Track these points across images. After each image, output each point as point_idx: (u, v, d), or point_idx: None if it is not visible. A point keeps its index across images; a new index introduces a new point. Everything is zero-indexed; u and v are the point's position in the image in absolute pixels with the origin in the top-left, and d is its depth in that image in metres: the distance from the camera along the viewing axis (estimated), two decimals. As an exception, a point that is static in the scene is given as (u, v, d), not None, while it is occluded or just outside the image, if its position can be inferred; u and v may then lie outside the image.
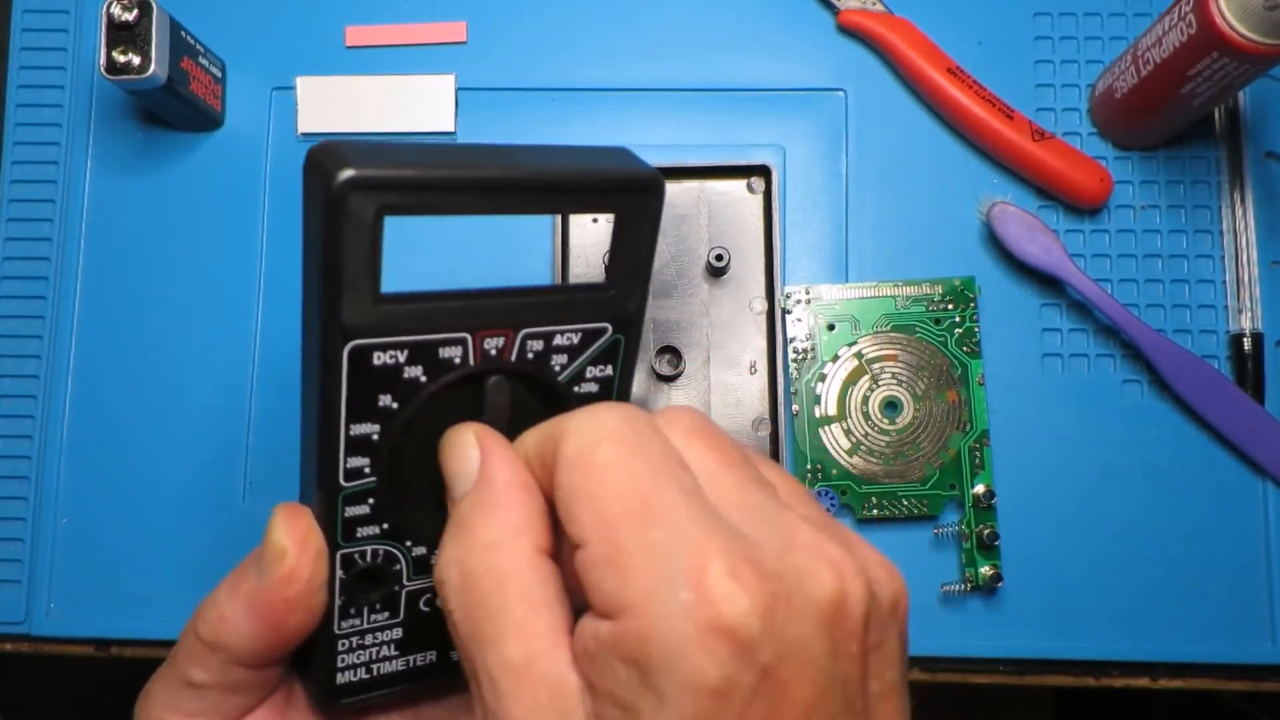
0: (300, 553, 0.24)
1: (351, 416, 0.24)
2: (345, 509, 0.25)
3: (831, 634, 0.19)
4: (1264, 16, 0.34)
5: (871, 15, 0.44)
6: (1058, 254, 0.42)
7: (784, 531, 0.20)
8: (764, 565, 0.19)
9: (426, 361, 0.24)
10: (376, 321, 0.23)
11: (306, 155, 0.22)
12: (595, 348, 0.26)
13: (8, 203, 0.44)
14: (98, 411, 0.43)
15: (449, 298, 0.24)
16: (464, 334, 0.24)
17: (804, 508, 0.22)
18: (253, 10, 0.45)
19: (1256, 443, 0.41)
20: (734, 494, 0.21)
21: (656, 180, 0.25)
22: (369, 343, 0.23)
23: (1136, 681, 0.41)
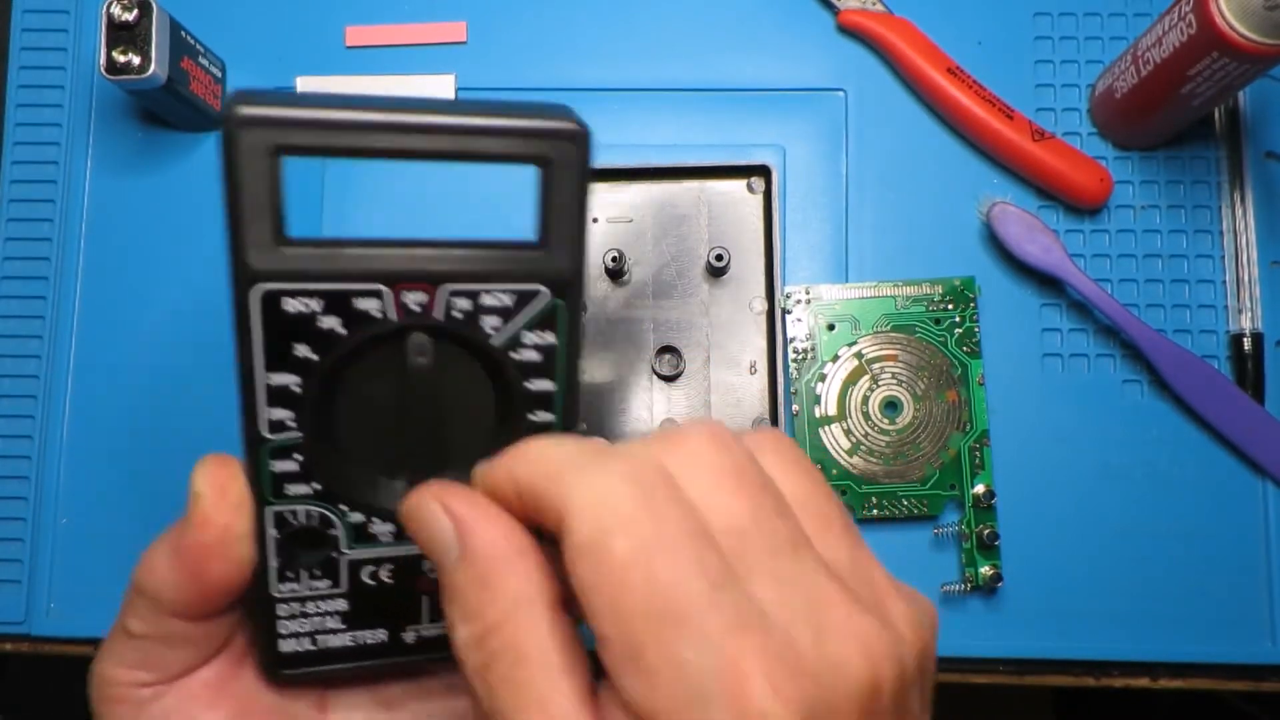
0: (216, 499, 0.25)
1: (269, 364, 0.24)
2: (272, 463, 0.25)
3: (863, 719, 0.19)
4: (1264, 16, 0.34)
5: (871, 15, 0.44)
6: (1058, 254, 0.42)
7: (817, 609, 0.19)
8: (800, 665, 0.18)
9: (343, 312, 0.24)
10: (284, 266, 0.24)
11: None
12: (531, 311, 0.25)
13: (8, 203, 0.44)
14: (98, 411, 0.43)
15: (362, 244, 0.24)
16: (380, 285, 0.24)
17: (833, 545, 0.21)
18: (253, 10, 0.45)
19: (1256, 443, 0.41)
20: (764, 561, 0.20)
21: (578, 132, 0.24)
22: (278, 288, 0.24)
23: (1136, 681, 0.41)
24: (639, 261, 0.43)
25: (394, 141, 0.23)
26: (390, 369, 0.25)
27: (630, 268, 0.43)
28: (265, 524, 0.26)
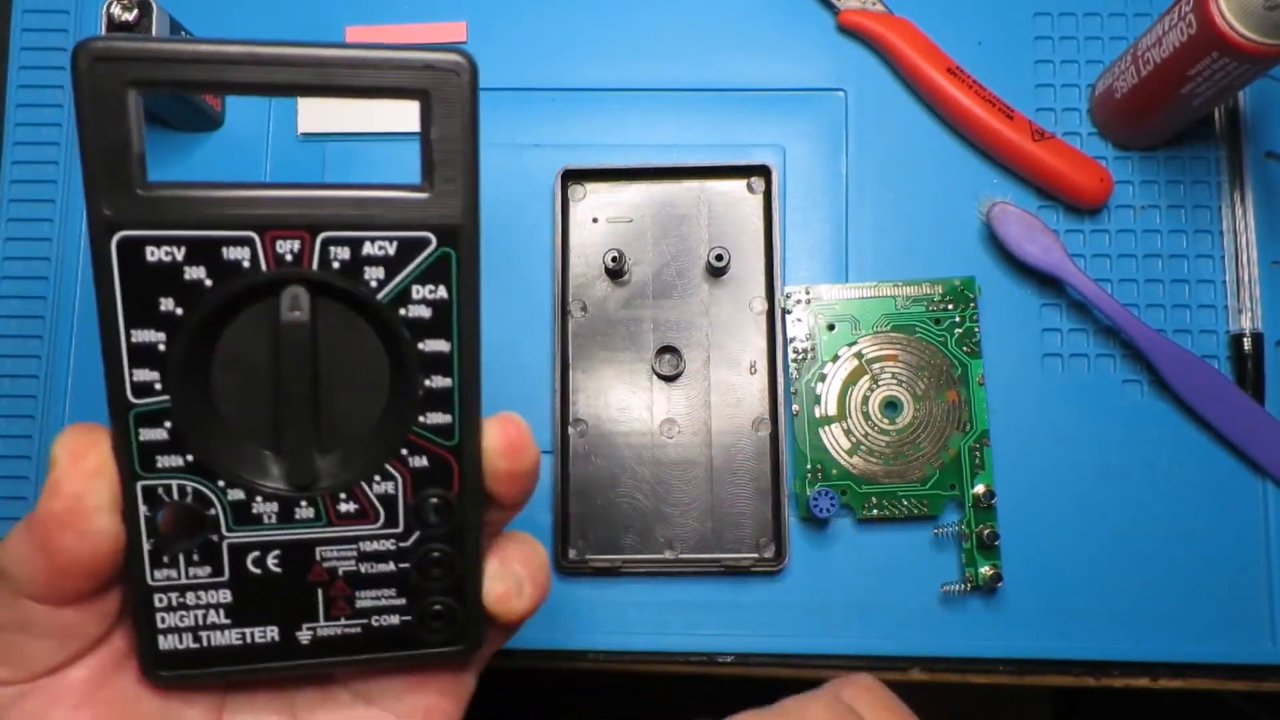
0: (70, 465, 0.23)
1: (130, 321, 0.22)
2: (138, 430, 0.23)
3: None
4: (1264, 16, 0.34)
5: (871, 15, 0.44)
6: (1058, 254, 0.42)
7: None
8: None
9: (210, 263, 0.22)
10: (143, 212, 0.22)
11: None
12: (418, 262, 0.23)
13: (8, 203, 0.44)
14: (98, 411, 0.43)
15: (231, 187, 0.22)
16: (249, 232, 0.22)
17: None
18: (253, 10, 0.45)
19: (1256, 443, 0.41)
20: None
21: (459, 63, 0.23)
22: (137, 235, 0.22)
23: (1136, 681, 0.41)
24: (639, 261, 0.43)
25: (257, 75, 0.21)
26: (265, 326, 0.23)
27: (630, 268, 0.43)
28: (136, 501, 0.23)
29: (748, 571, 0.41)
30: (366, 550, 0.25)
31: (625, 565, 0.41)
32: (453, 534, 0.26)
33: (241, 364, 0.23)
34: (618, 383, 0.42)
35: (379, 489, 0.25)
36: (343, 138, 0.44)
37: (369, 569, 0.25)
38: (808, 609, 0.41)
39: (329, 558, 0.25)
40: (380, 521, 0.25)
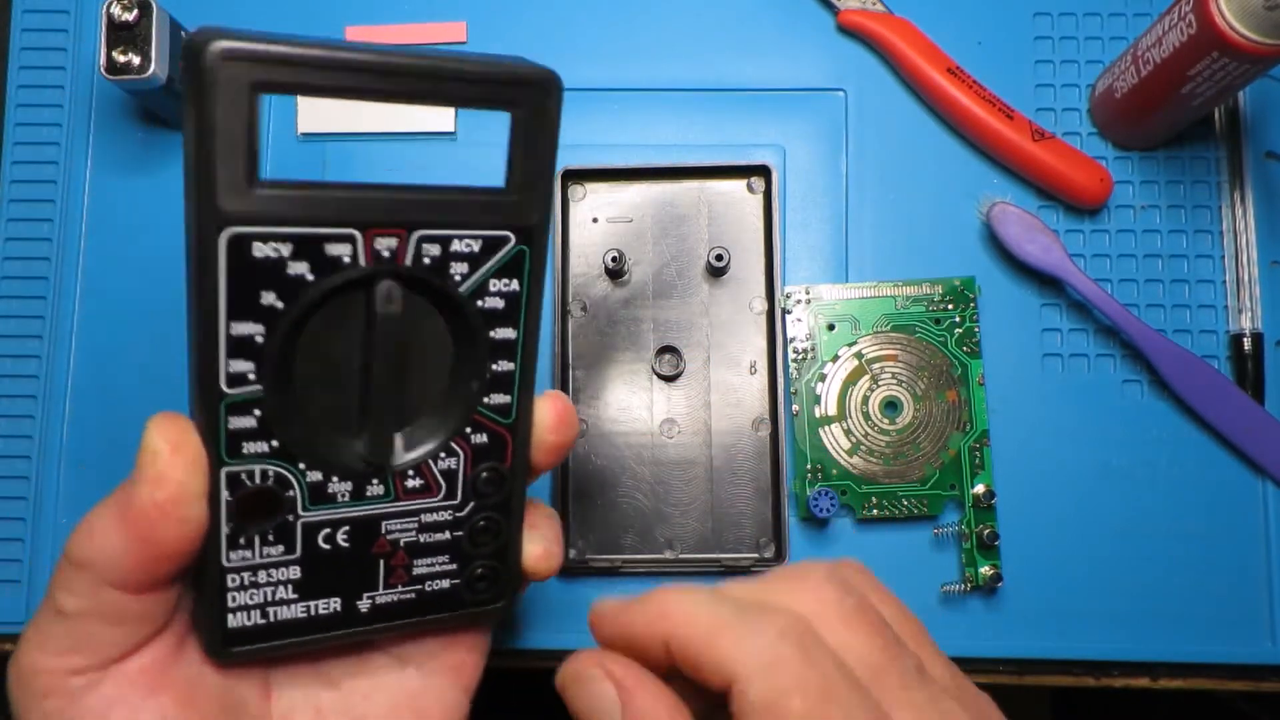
0: (172, 455, 0.23)
1: (232, 314, 0.23)
2: (229, 419, 0.24)
3: None
4: (1264, 16, 0.34)
5: (871, 15, 0.44)
6: (1058, 254, 0.42)
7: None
8: None
9: (313, 258, 0.23)
10: (255, 208, 0.22)
11: (184, 42, 0.22)
12: (498, 258, 0.25)
13: (8, 203, 0.44)
14: (98, 411, 0.43)
15: (336, 188, 0.23)
16: (353, 230, 0.23)
17: (934, 663, 0.24)
18: (253, 10, 0.45)
19: (1256, 443, 0.41)
20: (901, 694, 0.22)
21: (550, 78, 0.24)
22: (248, 231, 0.22)
23: (1136, 681, 0.41)
24: (639, 261, 0.43)
25: (372, 82, 0.23)
26: (353, 318, 0.24)
27: (630, 268, 0.43)
28: (219, 486, 0.24)
29: (748, 571, 0.41)
30: (426, 521, 0.27)
31: (625, 565, 0.41)
32: (502, 503, 0.28)
33: (324, 352, 0.25)
34: (618, 383, 0.42)
35: (443, 465, 0.27)
36: (342, 138, 0.44)
37: (427, 538, 0.27)
38: (808, 609, 0.41)
39: (393, 530, 0.27)
40: (441, 494, 0.27)
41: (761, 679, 0.21)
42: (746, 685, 0.21)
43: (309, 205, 0.23)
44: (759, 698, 0.21)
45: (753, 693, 0.21)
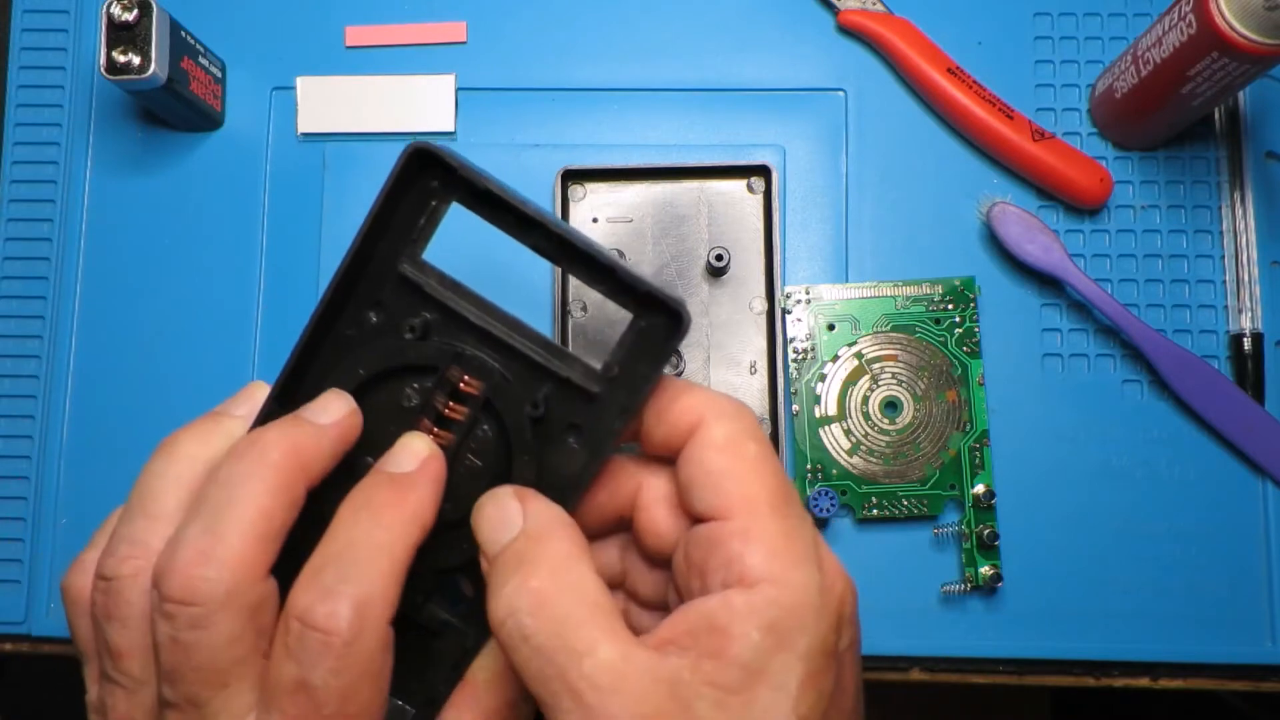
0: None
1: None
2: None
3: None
4: (1264, 16, 0.34)
5: (871, 15, 0.44)
6: (1058, 254, 0.42)
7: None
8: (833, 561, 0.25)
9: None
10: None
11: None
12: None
13: (8, 203, 0.44)
14: (98, 411, 0.43)
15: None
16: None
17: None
18: (253, 10, 0.45)
19: (1256, 443, 0.41)
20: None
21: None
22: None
23: (1136, 681, 0.41)
24: (639, 261, 0.43)
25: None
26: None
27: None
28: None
29: (748, 571, 0.41)
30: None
31: (625, 565, 0.41)
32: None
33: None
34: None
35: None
36: (342, 138, 0.44)
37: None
38: (808, 609, 0.41)
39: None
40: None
41: (728, 421, 0.25)
42: (714, 423, 0.25)
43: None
44: (723, 434, 0.25)
45: (718, 429, 0.25)
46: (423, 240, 0.28)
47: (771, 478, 0.25)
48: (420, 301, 0.28)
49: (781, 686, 0.22)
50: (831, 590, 0.24)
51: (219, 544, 0.23)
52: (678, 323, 0.26)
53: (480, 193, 0.27)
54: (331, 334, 0.28)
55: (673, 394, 0.26)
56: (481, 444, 0.28)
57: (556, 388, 0.27)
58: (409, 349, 0.27)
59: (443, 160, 0.27)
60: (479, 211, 0.27)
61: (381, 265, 0.27)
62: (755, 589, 0.23)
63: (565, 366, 0.27)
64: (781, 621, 0.23)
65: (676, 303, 0.26)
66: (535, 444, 0.27)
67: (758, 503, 0.24)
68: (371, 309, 0.28)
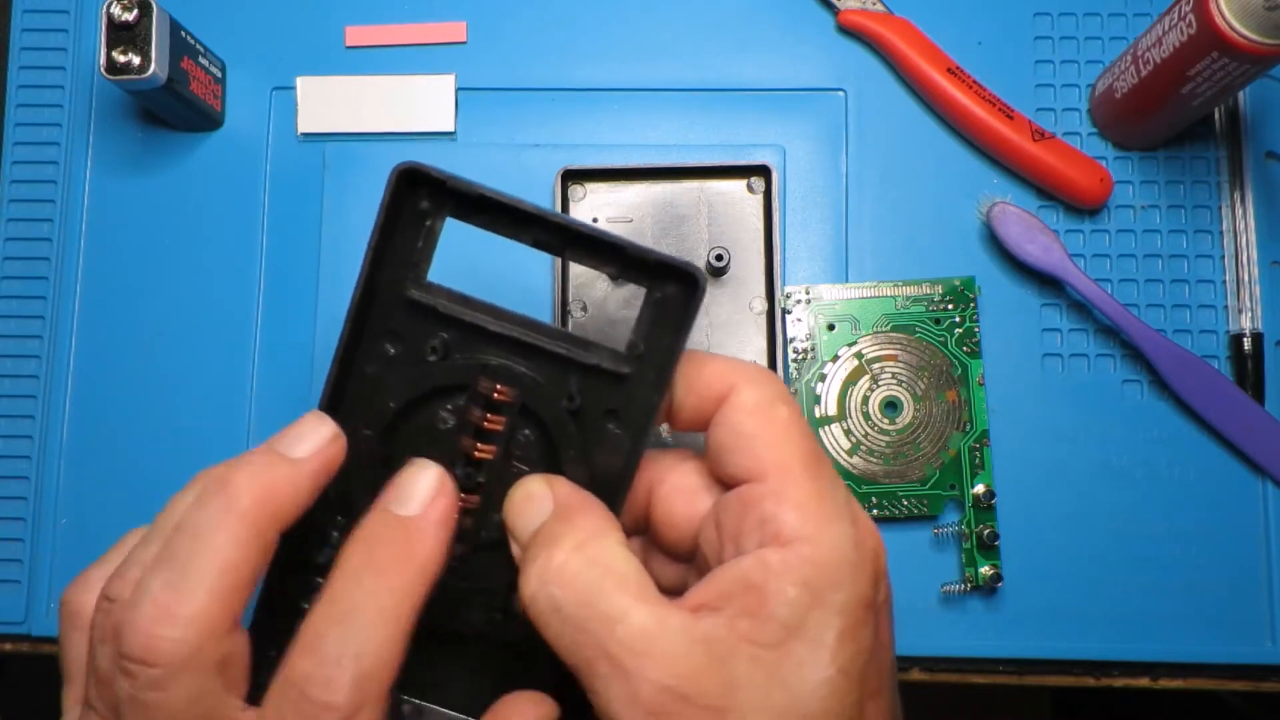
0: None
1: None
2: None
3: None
4: (1264, 16, 0.34)
5: (871, 15, 0.44)
6: (1058, 254, 0.42)
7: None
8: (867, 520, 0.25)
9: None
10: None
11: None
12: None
13: (8, 203, 0.44)
14: (98, 411, 0.43)
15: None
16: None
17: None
18: (253, 10, 0.45)
19: (1256, 443, 0.41)
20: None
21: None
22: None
23: (1136, 681, 0.41)
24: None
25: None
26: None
27: (630, 268, 0.43)
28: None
29: (748, 571, 0.41)
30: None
31: (625, 565, 0.41)
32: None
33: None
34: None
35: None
36: (342, 138, 0.44)
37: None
38: (808, 609, 0.41)
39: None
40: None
41: (758, 387, 0.26)
42: (744, 388, 0.26)
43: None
44: (754, 399, 0.26)
45: (748, 394, 0.26)
46: (425, 262, 0.27)
47: (802, 439, 0.25)
48: (435, 322, 0.27)
49: (819, 641, 0.23)
50: (865, 545, 0.24)
51: (182, 600, 0.22)
52: (694, 287, 0.26)
53: (474, 200, 0.26)
54: (354, 373, 0.28)
55: (700, 364, 0.26)
56: (525, 449, 0.28)
57: (587, 377, 0.27)
58: (435, 371, 0.27)
59: (431, 176, 0.26)
60: (474, 220, 0.27)
61: (389, 295, 0.27)
62: (790, 547, 0.23)
63: (591, 355, 0.27)
64: (817, 577, 0.23)
65: (690, 267, 0.26)
66: (579, 437, 0.27)
67: (790, 464, 0.24)
68: (388, 340, 0.28)
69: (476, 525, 0.28)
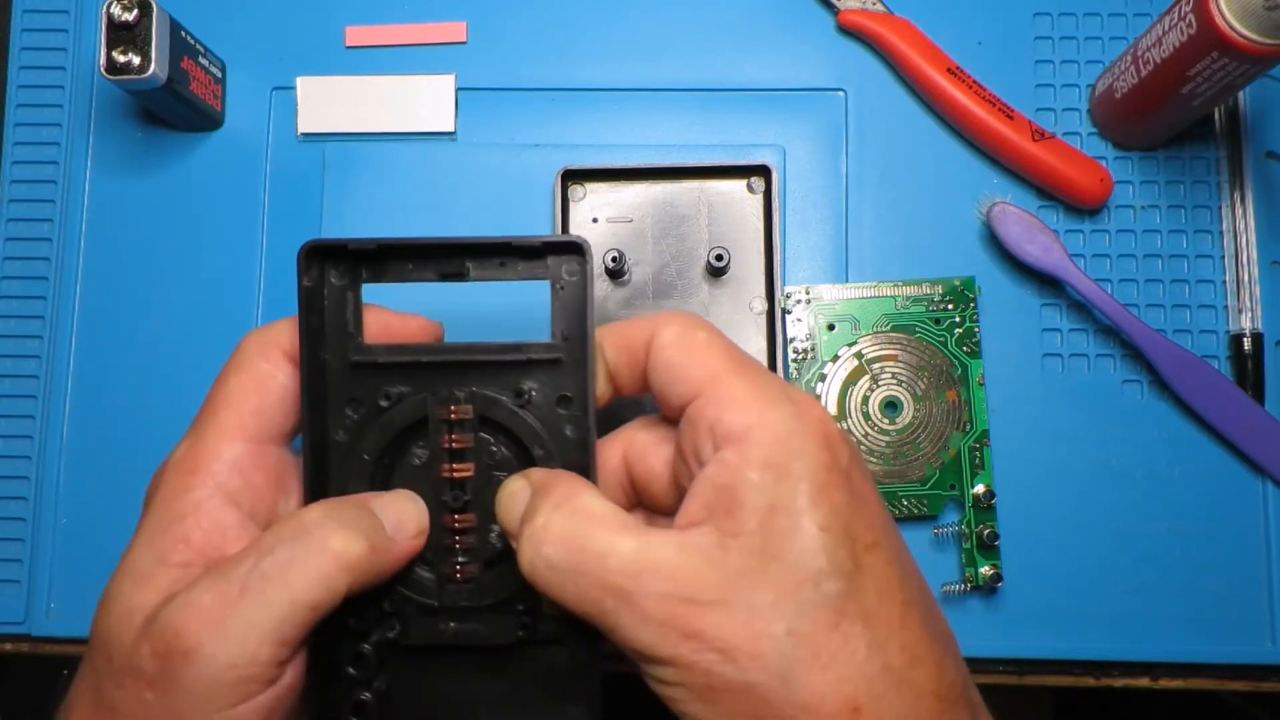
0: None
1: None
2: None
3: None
4: (1264, 16, 0.34)
5: (871, 15, 0.44)
6: (1058, 254, 0.42)
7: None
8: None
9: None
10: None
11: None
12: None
13: (8, 203, 0.44)
14: (98, 411, 0.43)
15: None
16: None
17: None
18: (253, 10, 0.45)
19: (1256, 443, 0.41)
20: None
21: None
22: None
23: (1136, 681, 0.41)
24: (639, 261, 0.43)
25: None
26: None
27: (630, 268, 0.43)
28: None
29: (748, 571, 0.41)
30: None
31: (625, 565, 0.41)
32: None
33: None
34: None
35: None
36: (342, 138, 0.44)
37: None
38: (808, 609, 0.41)
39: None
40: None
41: (674, 323, 0.27)
42: (662, 330, 0.27)
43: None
44: (672, 333, 0.27)
45: (666, 332, 0.27)
46: (357, 331, 0.30)
47: (724, 350, 0.27)
48: (383, 376, 0.30)
49: (794, 510, 0.24)
50: (809, 415, 0.25)
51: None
52: (582, 253, 0.29)
53: (374, 253, 0.30)
54: (328, 447, 0.30)
55: (622, 326, 0.29)
56: (502, 462, 0.30)
57: (529, 373, 0.30)
58: (394, 416, 0.30)
59: (331, 245, 0.30)
60: (387, 277, 0.30)
61: (338, 367, 0.30)
62: (741, 441, 0.25)
63: (525, 353, 0.30)
64: (773, 455, 0.24)
65: (573, 237, 0.29)
66: (543, 429, 0.30)
67: (718, 371, 0.26)
68: (348, 407, 0.30)
69: (479, 542, 0.30)
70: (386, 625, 0.30)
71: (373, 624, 0.30)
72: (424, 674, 0.30)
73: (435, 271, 0.30)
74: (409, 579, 0.30)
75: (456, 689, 0.30)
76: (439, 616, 0.30)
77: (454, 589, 0.30)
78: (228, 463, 0.29)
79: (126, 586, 0.27)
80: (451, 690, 0.30)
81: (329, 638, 0.29)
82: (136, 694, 0.25)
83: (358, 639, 0.29)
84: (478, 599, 0.30)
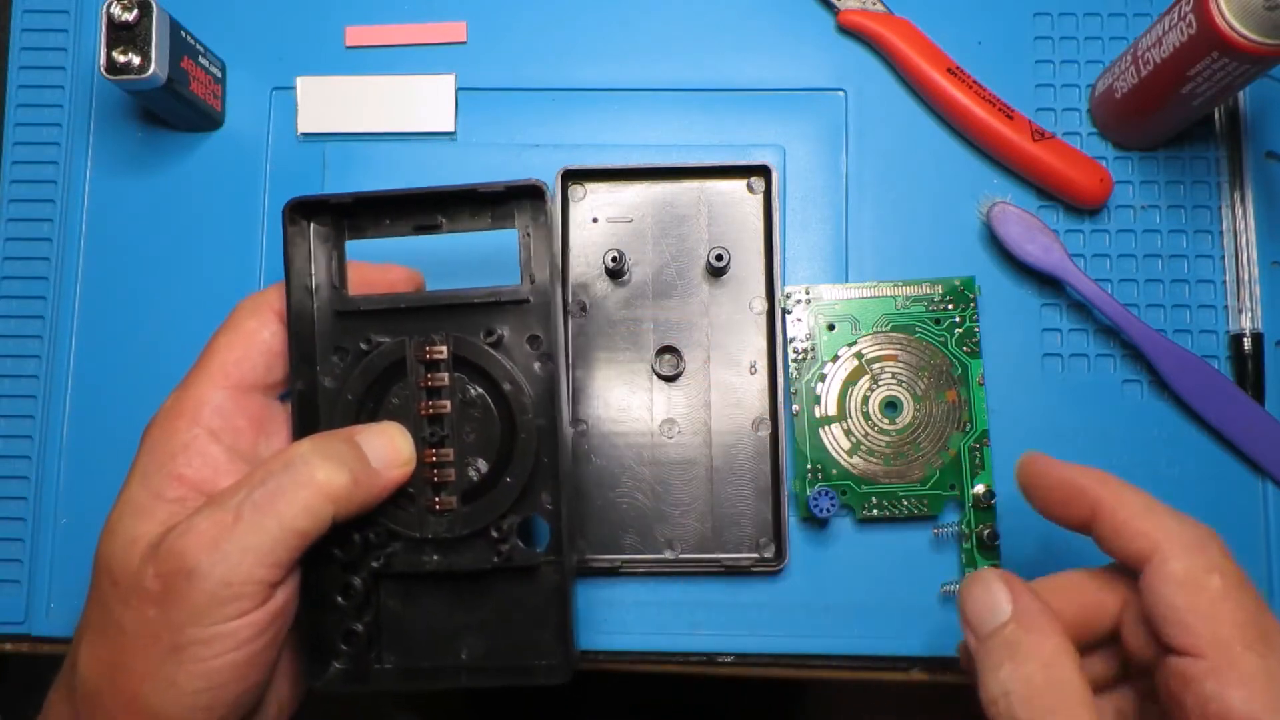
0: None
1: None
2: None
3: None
4: (1264, 16, 0.34)
5: (871, 15, 0.44)
6: (1058, 254, 0.42)
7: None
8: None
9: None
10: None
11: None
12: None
13: (8, 203, 0.44)
14: (98, 411, 0.43)
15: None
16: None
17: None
18: (253, 10, 0.45)
19: (1256, 443, 0.41)
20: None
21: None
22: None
23: (1136, 681, 0.41)
24: (639, 261, 0.43)
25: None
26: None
27: (630, 268, 0.43)
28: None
29: (748, 571, 0.41)
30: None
31: (625, 565, 0.41)
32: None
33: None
34: (618, 383, 0.42)
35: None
36: (342, 138, 0.44)
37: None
38: (808, 609, 0.41)
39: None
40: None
41: (1186, 555, 0.26)
42: (1169, 557, 0.26)
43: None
44: (1182, 569, 0.26)
45: (1175, 565, 0.26)
46: (341, 283, 0.33)
47: (1240, 612, 0.25)
48: (364, 324, 0.33)
49: None
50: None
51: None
52: (540, 196, 0.32)
53: (351, 206, 0.32)
54: (315, 390, 0.33)
55: (1128, 514, 0.27)
56: (477, 398, 0.33)
57: (499, 314, 0.33)
58: (374, 359, 0.32)
59: (313, 200, 0.32)
60: (367, 233, 0.33)
61: (322, 319, 0.33)
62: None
63: (496, 295, 0.32)
64: None
65: (532, 180, 0.32)
66: (513, 368, 0.33)
67: (1230, 642, 0.25)
68: (335, 355, 0.33)
69: (459, 474, 0.33)
70: (373, 556, 0.32)
71: (360, 555, 0.32)
72: (408, 604, 0.33)
73: (410, 225, 0.33)
74: (393, 513, 0.32)
75: (438, 617, 0.33)
76: (421, 547, 0.32)
77: (434, 520, 0.33)
78: (211, 406, 0.32)
79: (128, 519, 0.30)
80: (434, 618, 0.33)
81: (320, 571, 0.32)
82: (141, 611, 0.28)
83: (347, 571, 0.32)
84: (456, 530, 0.33)
